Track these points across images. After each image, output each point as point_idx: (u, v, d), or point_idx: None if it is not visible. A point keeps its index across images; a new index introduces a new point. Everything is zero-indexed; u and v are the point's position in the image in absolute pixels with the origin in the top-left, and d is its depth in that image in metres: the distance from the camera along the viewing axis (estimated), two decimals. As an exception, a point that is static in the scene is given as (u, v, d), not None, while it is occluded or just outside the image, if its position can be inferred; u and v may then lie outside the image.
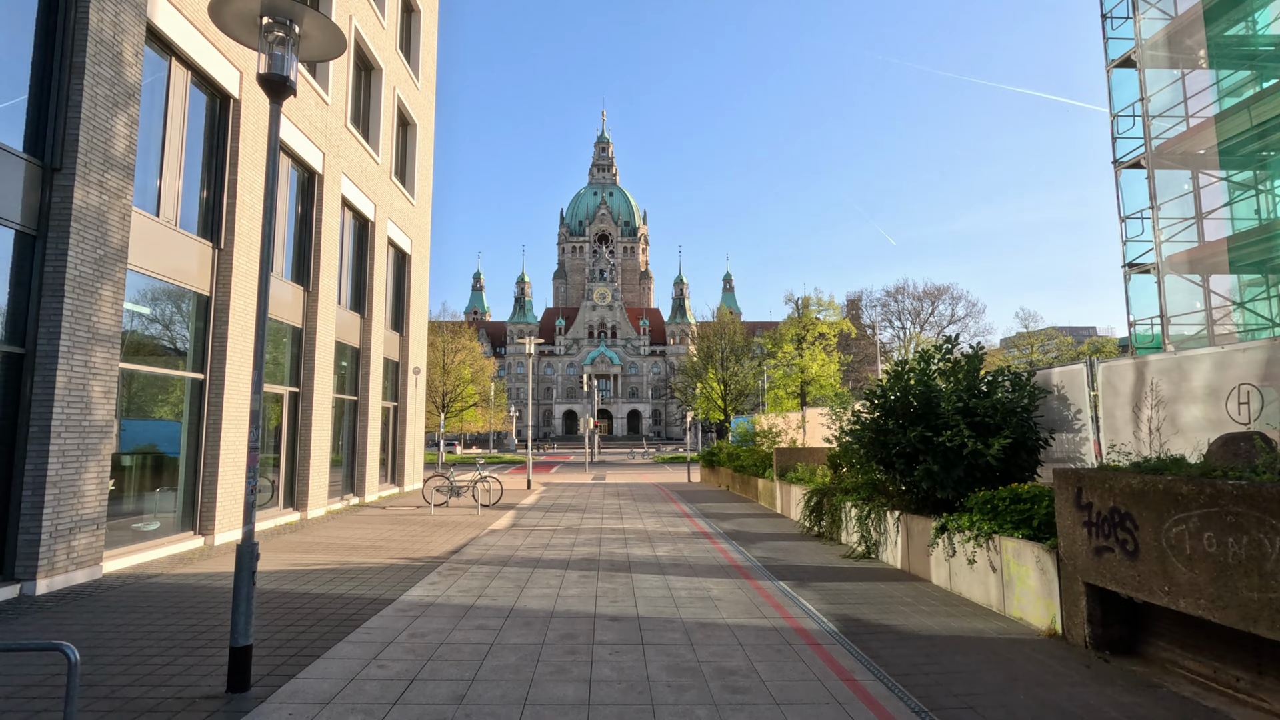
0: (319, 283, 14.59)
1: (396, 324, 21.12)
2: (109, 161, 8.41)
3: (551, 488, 23.70)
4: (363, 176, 17.26)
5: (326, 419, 14.89)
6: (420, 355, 22.52)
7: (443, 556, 10.19)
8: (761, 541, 11.88)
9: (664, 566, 9.57)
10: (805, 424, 18.73)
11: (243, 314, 11.45)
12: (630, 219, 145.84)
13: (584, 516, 15.28)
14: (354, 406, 17.53)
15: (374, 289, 18.11)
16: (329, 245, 15.06)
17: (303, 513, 14.01)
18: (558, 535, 12.43)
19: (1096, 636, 5.76)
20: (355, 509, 16.11)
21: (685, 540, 11.95)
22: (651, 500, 19.25)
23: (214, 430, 10.86)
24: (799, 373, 58.45)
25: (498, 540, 11.78)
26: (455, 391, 61.63)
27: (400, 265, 21.49)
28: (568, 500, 19.09)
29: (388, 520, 14.23)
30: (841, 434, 10.91)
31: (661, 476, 33.05)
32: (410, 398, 21.29)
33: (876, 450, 9.50)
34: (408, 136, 21.90)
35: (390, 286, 20.56)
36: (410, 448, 21.16)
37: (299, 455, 14.06)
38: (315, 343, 14.41)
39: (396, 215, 20.16)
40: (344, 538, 11.94)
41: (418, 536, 12.13)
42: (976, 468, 8.45)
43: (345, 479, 17.16)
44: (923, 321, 76.95)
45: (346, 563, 9.64)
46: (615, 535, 12.46)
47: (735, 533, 12.91)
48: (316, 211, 14.73)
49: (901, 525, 9.32)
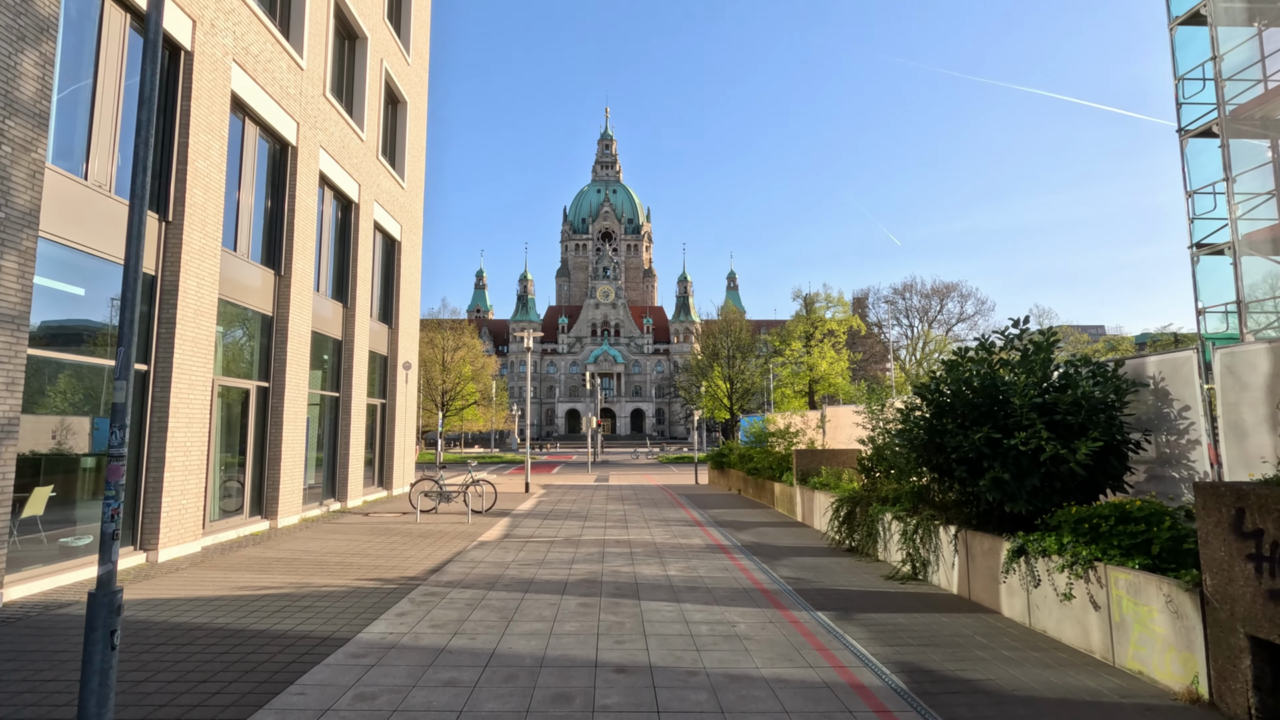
0: (292, 266, 13.18)
1: (385, 315, 19.71)
2: (11, 105, 6.99)
3: (551, 490, 22.29)
4: (345, 153, 15.85)
5: (301, 416, 13.48)
6: (411, 349, 21.11)
7: (420, 577, 8.76)
8: (786, 557, 10.43)
9: (678, 590, 8.14)
10: (825, 423, 17.28)
11: (196, 297, 10.04)
12: (634, 216, 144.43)
13: (585, 525, 13.86)
14: (335, 403, 16.12)
15: (358, 276, 16.70)
16: (304, 225, 13.65)
17: (272, 521, 12.60)
18: (555, 549, 11.00)
19: (1266, 708, 4.31)
20: (334, 516, 14.70)
21: (699, 555, 10.52)
22: (658, 506, 17.82)
23: (159, 428, 9.45)
24: (807, 371, 56.97)
25: (486, 555, 10.36)
26: (455, 390, 60.27)
27: (389, 252, 20.08)
28: (568, 505, 17.67)
29: (367, 529, 12.82)
30: (884, 435, 9.47)
31: (667, 478, 31.61)
32: (400, 394, 19.89)
33: (930, 455, 8.04)
34: (397, 115, 20.48)
35: (378, 275, 19.15)
36: (399, 448, 19.76)
37: (268, 457, 12.66)
38: (288, 332, 13.00)
39: (384, 198, 18.75)
40: (313, 551, 10.52)
41: (397, 550, 10.71)
42: (1055, 476, 7.00)
43: (325, 483, 15.76)
44: (930, 319, 75.31)
45: (305, 585, 8.22)
46: (620, 549, 11.03)
47: (755, 546, 11.47)
48: (289, 187, 13.31)
49: (959, 543, 7.87)
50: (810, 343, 57.89)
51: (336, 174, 15.44)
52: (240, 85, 11.42)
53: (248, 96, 11.67)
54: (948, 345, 66.21)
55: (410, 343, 21.06)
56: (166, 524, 9.40)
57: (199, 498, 10.10)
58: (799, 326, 59.26)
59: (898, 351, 73.24)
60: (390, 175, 19.27)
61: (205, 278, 10.26)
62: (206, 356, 10.28)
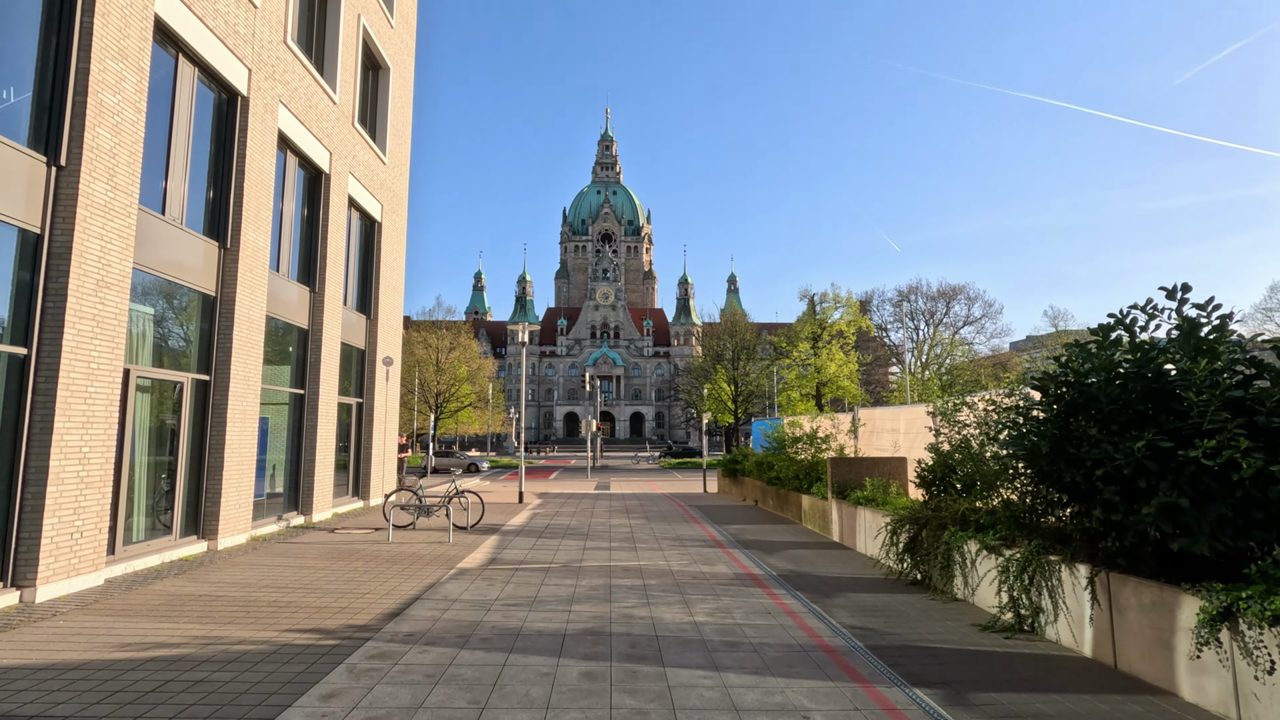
0: (241, 237, 11.11)
1: (362, 304, 17.63)
2: None
3: (548, 500, 20.19)
4: (312, 113, 13.79)
5: (250, 416, 11.39)
6: (393, 343, 19.03)
7: (372, 626, 6.67)
8: (838, 593, 8.35)
9: (713, 649, 6.06)
10: (859, 427, 15.20)
11: (99, 264, 7.96)
12: (634, 218, 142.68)
13: (586, 546, 11.77)
14: (300, 402, 14.03)
15: (329, 257, 14.63)
16: (257, 190, 11.58)
17: (211, 542, 10.50)
18: (551, 580, 8.91)
19: None
20: (294, 533, 12.59)
21: (729, 589, 8.44)
22: (669, 519, 15.73)
23: (42, 429, 7.36)
24: (815, 373, 54.89)
25: (465, 589, 8.26)
26: (450, 391, 58.19)
27: (369, 235, 18.01)
28: (566, 519, 15.57)
29: (327, 552, 10.72)
30: (980, 441, 7.43)
31: (672, 485, 29.55)
32: (380, 393, 17.81)
33: (1057, 469, 5.96)
34: (379, 82, 18.43)
35: (355, 259, 17.09)
36: (379, 453, 17.66)
37: (208, 465, 10.57)
38: (235, 316, 10.92)
39: (362, 173, 16.69)
40: (248, 584, 8.43)
41: (355, 582, 8.62)
42: (1259, 503, 4.94)
43: (287, 493, 13.66)
44: (937, 322, 73.21)
45: (214, 642, 6.13)
46: (630, 580, 8.94)
47: (794, 576, 9.39)
48: (239, 144, 11.25)
49: (1098, 590, 5.80)
50: (818, 344, 55.82)
51: (301, 136, 13.37)
52: (168, 10, 9.36)
53: (179, 26, 9.61)
54: (958, 347, 64.26)
55: (392, 336, 18.98)
56: (49, 553, 7.30)
57: (101, 517, 8.00)
58: (806, 327, 57.21)
59: (903, 355, 71.24)
60: (369, 147, 17.22)
61: (114, 240, 8.18)
62: (115, 340, 8.20)
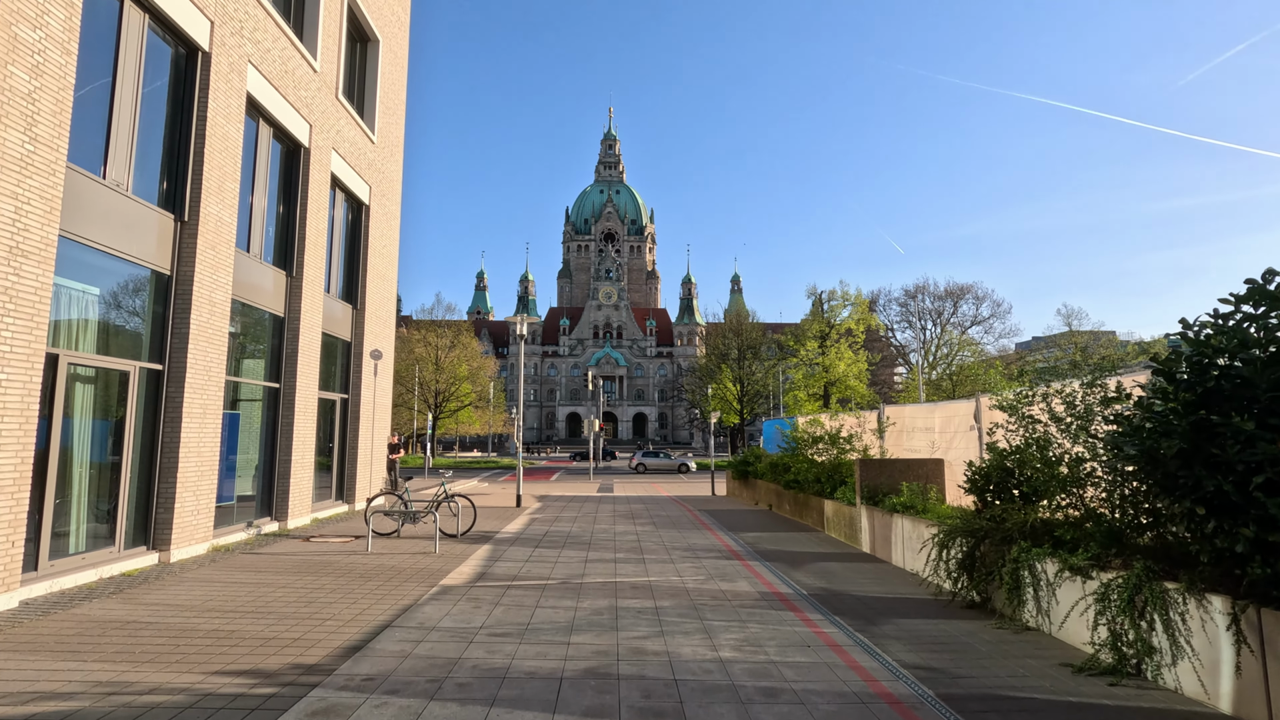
0: (201, 210, 9.88)
1: (348, 293, 16.40)
2: None
3: (548, 503, 18.94)
4: (288, 79, 12.56)
5: (212, 411, 10.16)
6: (383, 335, 17.79)
7: (323, 666, 5.41)
8: (885, 619, 7.09)
9: (748, 700, 4.80)
10: (887, 426, 13.91)
11: (12, 227, 6.73)
12: (637, 218, 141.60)
13: (589, 557, 10.51)
14: (274, 397, 12.79)
15: (308, 239, 13.39)
16: (220, 157, 10.34)
17: (163, 554, 9.26)
18: (547, 601, 7.65)
19: None
20: (264, 541, 11.35)
21: (757, 615, 7.17)
22: (678, 526, 14.47)
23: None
24: (822, 372, 53.56)
25: (445, 614, 7.01)
26: (449, 390, 57.00)
27: (355, 218, 16.79)
28: (566, 525, 14.31)
29: (294, 565, 9.47)
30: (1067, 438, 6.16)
31: (677, 487, 28.31)
32: (368, 388, 16.58)
33: (1193, 473, 4.68)
34: (367, 55, 17.21)
35: (340, 243, 15.86)
36: (366, 453, 16.42)
37: (161, 465, 9.33)
38: (194, 298, 9.68)
39: (348, 150, 15.46)
40: (189, 607, 7.18)
41: (316, 604, 7.37)
42: None
43: (260, 497, 12.43)
44: (944, 322, 71.76)
45: (114, 689, 4.87)
46: (640, 600, 7.68)
47: (828, 596, 8.13)
48: (199, 106, 10.02)
49: (1248, 630, 4.52)
50: (826, 343, 54.49)
51: (275, 104, 12.14)
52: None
53: (123, -38, 8.38)
54: (965, 347, 62.86)
55: (382, 328, 17.75)
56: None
57: (14, 528, 6.75)
58: (814, 326, 55.88)
59: (909, 355, 69.85)
60: (356, 123, 15.99)
61: (33, 201, 6.94)
62: (33, 319, 6.97)
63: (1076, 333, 58.22)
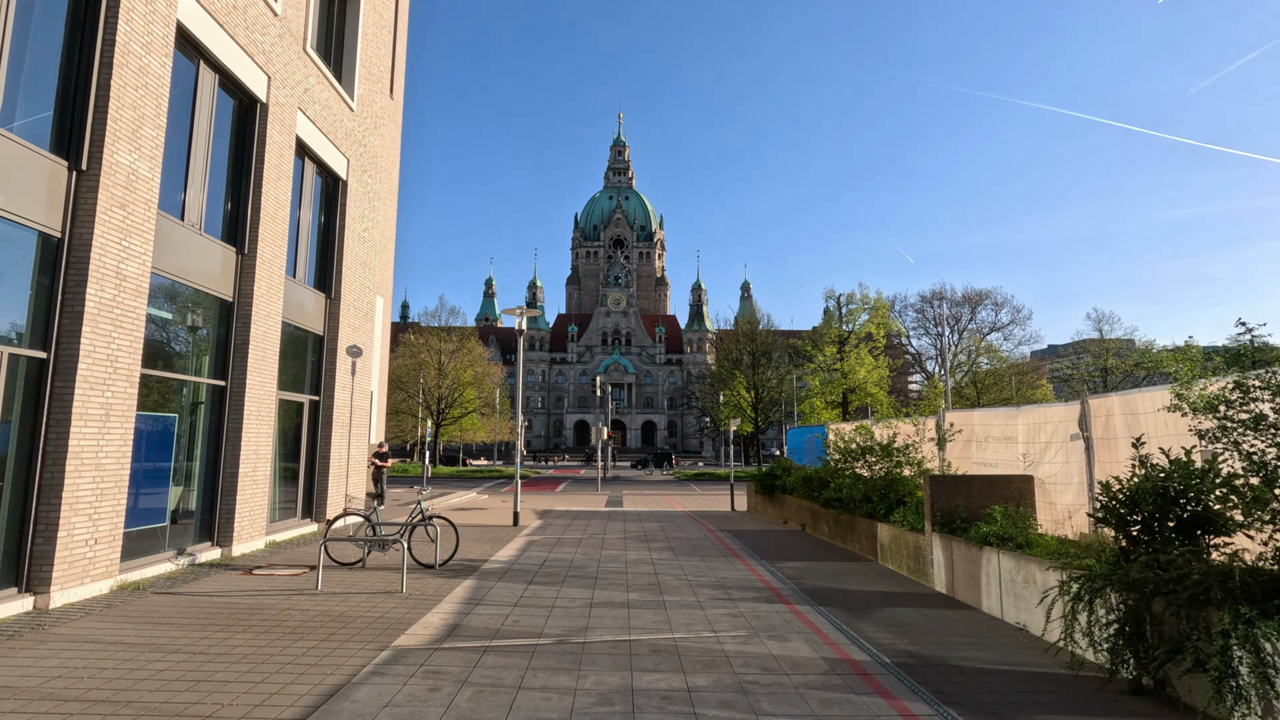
0: (106, 158, 7.80)
1: (321, 281, 14.33)
2: None
3: (550, 520, 16.75)
4: (236, 16, 10.51)
5: (119, 413, 8.04)
6: (364, 330, 15.70)
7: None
8: (1028, 714, 4.85)
9: None
10: (950, 434, 11.62)
11: None
12: (646, 224, 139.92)
13: (594, 599, 8.30)
14: (217, 396, 10.68)
15: (265, 210, 11.32)
16: (135, 95, 8.27)
17: (40, 596, 7.12)
18: (536, 678, 5.44)
19: None
20: (194, 575, 9.21)
21: (833, 700, 4.95)
22: (701, 552, 12.24)
23: None
24: (841, 378, 51.15)
25: (384, 705, 4.82)
26: (452, 396, 54.90)
27: (330, 195, 14.73)
28: (569, 550, 12.11)
29: (210, 614, 7.31)
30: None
31: (691, 500, 26.03)
32: (344, 390, 14.47)
33: None
34: (346, 10, 15.19)
35: (312, 223, 13.81)
36: (339, 464, 14.30)
37: (40, 482, 7.21)
38: (90, 268, 7.59)
39: (319, 113, 13.42)
40: (9, 689, 5.03)
41: (206, 683, 5.19)
42: None
43: (199, 517, 10.31)
44: (962, 328, 69.14)
45: None
46: (665, 679, 5.46)
47: (920, 665, 5.89)
48: (105, 29, 7.95)
49: None
50: (844, 348, 52.11)
51: (218, 42, 10.08)
52: None
53: None
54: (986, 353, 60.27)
55: (362, 321, 15.66)
56: None
57: None
58: (832, 330, 53.53)
59: (925, 363, 67.24)
60: (330, 84, 13.94)
61: None
62: None
63: (1108, 340, 55.48)
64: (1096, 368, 54.27)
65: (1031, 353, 72.32)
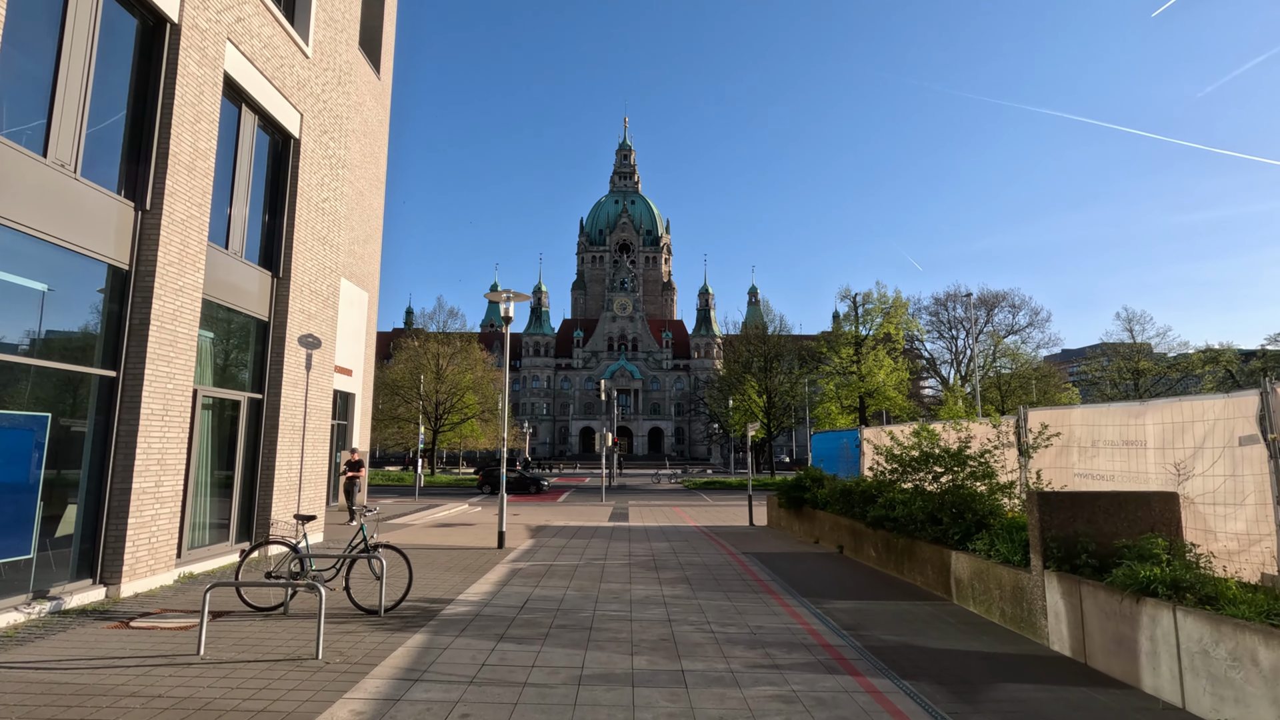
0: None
1: (267, 257, 11.99)
2: None
3: (544, 539, 14.33)
4: (133, -92, 8.21)
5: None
6: (321, 317, 13.36)
7: None
8: None
9: None
10: (1044, 439, 9.11)
11: None
12: (653, 228, 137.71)
13: (585, 668, 5.87)
14: (106, 390, 8.33)
15: (173, 156, 8.98)
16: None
17: None
18: None
19: None
20: (48, 627, 6.83)
21: None
22: (723, 585, 9.79)
23: None
24: (858, 381, 48.55)
25: None
26: (450, 401, 52.54)
27: (279, 155, 12.41)
28: (560, 583, 9.68)
29: (26, 698, 4.93)
30: None
31: (704, 513, 23.54)
32: (294, 386, 12.13)
33: None
34: (299, -61, 12.92)
35: (248, 183, 11.47)
36: (287, 475, 11.93)
37: None
38: None
39: (259, 52, 11.12)
40: None
41: None
42: None
43: (77, 548, 7.94)
44: (977, 332, 66.30)
45: None
46: None
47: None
48: None
49: None
50: (861, 350, 49.53)
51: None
52: None
53: None
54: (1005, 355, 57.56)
55: (320, 307, 13.32)
56: None
57: None
58: (848, 331, 50.98)
59: (939, 367, 64.46)
60: (273, 18, 11.64)
61: None
62: None
63: (1139, 345, 52.57)
64: (1128, 370, 51.42)
65: (1045, 357, 69.48)
